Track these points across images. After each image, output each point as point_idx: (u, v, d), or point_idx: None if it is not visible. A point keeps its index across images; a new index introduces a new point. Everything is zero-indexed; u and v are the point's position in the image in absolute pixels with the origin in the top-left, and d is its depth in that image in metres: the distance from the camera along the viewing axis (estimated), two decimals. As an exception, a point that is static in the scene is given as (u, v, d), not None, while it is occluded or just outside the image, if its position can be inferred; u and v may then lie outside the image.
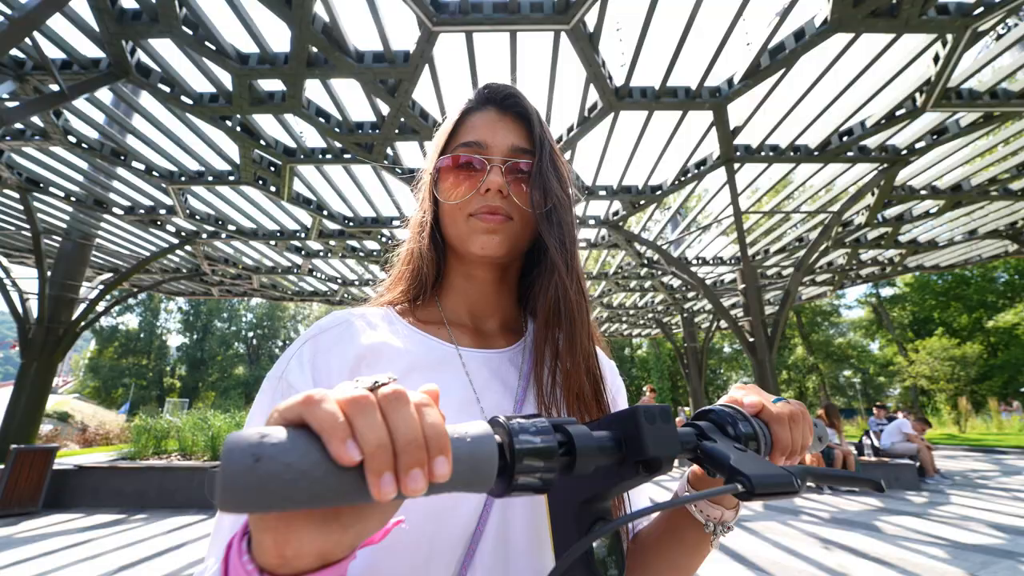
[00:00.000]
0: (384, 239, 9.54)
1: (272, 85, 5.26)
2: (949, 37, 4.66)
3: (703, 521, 0.61)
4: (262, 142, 6.19)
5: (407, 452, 0.30)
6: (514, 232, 0.69)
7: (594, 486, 0.45)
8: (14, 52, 4.91)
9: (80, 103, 5.77)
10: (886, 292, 34.59)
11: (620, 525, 0.39)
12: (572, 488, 0.47)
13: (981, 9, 4.34)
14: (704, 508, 0.61)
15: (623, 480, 0.43)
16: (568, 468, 0.39)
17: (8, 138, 6.18)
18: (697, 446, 0.46)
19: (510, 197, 0.68)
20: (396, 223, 8.92)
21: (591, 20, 4.53)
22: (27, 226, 8.64)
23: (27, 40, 4.41)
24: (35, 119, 5.89)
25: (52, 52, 4.97)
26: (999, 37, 5.16)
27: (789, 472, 0.39)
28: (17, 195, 7.78)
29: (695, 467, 0.60)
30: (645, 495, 0.73)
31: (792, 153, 6.65)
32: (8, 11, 4.19)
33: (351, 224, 8.94)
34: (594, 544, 0.46)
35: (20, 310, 9.28)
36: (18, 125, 6.06)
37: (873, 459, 8.76)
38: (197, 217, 8.56)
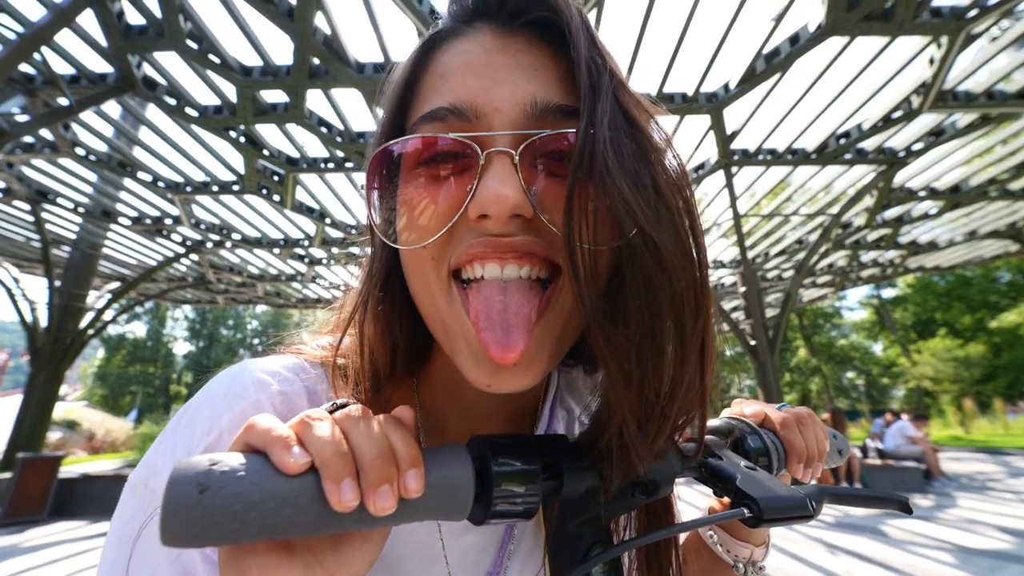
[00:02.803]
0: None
1: (275, 96, 5.35)
2: (944, 39, 4.70)
3: (731, 563, 0.54)
4: (265, 152, 6.28)
5: (373, 467, 0.27)
6: (562, 316, 0.38)
7: (590, 507, 0.40)
8: (24, 67, 5.01)
9: (88, 116, 5.88)
10: (888, 293, 34.41)
11: (619, 553, 0.36)
12: (568, 506, 0.42)
13: (975, 11, 4.38)
14: (731, 547, 0.55)
15: (617, 502, 0.39)
16: (554, 493, 0.36)
17: (19, 151, 6.30)
18: (702, 464, 0.41)
19: (538, 220, 0.36)
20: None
21: (588, 29, 4.59)
22: (37, 237, 8.77)
23: (36, 55, 4.51)
24: (45, 132, 6.00)
25: (61, 67, 5.08)
26: (994, 39, 5.19)
27: (803, 494, 0.35)
28: (28, 206, 7.91)
29: (723, 499, 0.54)
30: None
31: (790, 156, 6.69)
32: (19, 28, 4.30)
33: (354, 231, 9.01)
34: (592, 569, 0.42)
35: (30, 319, 9.39)
36: (28, 138, 6.17)
37: (878, 462, 8.72)
38: (202, 226, 8.66)
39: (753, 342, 8.14)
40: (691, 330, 0.33)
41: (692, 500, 6.24)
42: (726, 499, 0.57)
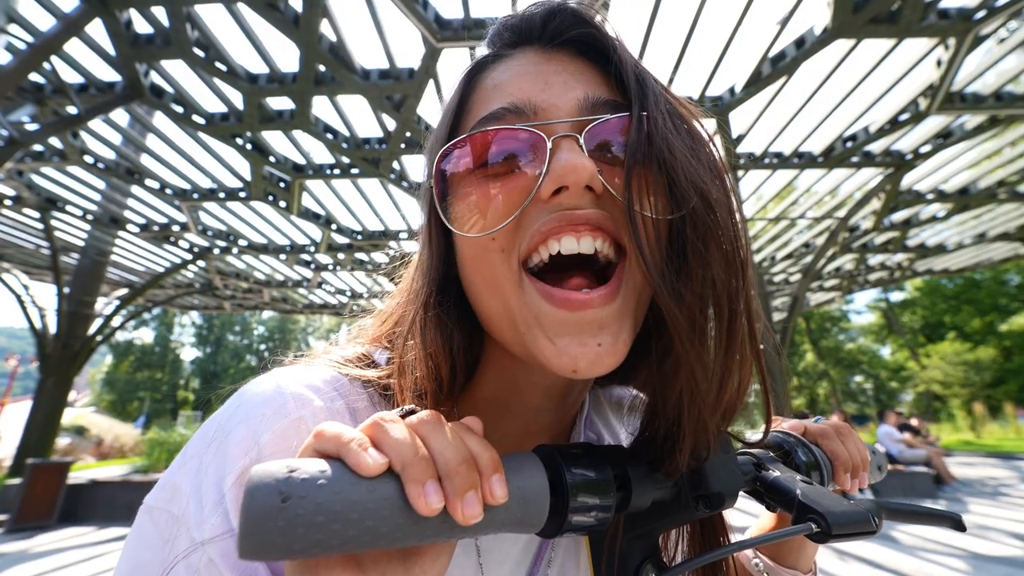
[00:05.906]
0: (392, 252, 9.64)
1: (281, 103, 5.38)
2: (951, 41, 4.67)
3: None
4: (272, 159, 6.31)
5: (459, 473, 0.26)
6: (634, 293, 0.38)
7: (646, 521, 0.39)
8: (34, 77, 5.08)
9: (96, 124, 5.94)
10: (896, 297, 34.20)
11: (679, 573, 0.34)
12: (626, 519, 0.40)
13: (983, 13, 4.35)
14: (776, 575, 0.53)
15: (679, 515, 0.38)
16: (624, 504, 0.34)
17: (28, 159, 6.36)
18: (756, 478, 0.40)
19: (607, 195, 0.37)
20: (404, 236, 9.02)
21: (592, 34, 4.60)
22: (46, 244, 8.86)
23: (46, 65, 4.56)
24: (54, 140, 6.07)
25: (70, 76, 5.14)
26: (1002, 40, 5.15)
27: (865, 508, 0.34)
28: (37, 214, 7.99)
29: (761, 524, 0.55)
30: None
31: (796, 159, 6.66)
32: (29, 38, 4.36)
33: (359, 237, 9.05)
34: None
35: (39, 326, 9.47)
36: (38, 146, 6.24)
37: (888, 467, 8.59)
38: (209, 233, 8.72)
39: (760, 346, 8.09)
40: (738, 293, 0.35)
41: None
42: (770, 517, 0.55)
